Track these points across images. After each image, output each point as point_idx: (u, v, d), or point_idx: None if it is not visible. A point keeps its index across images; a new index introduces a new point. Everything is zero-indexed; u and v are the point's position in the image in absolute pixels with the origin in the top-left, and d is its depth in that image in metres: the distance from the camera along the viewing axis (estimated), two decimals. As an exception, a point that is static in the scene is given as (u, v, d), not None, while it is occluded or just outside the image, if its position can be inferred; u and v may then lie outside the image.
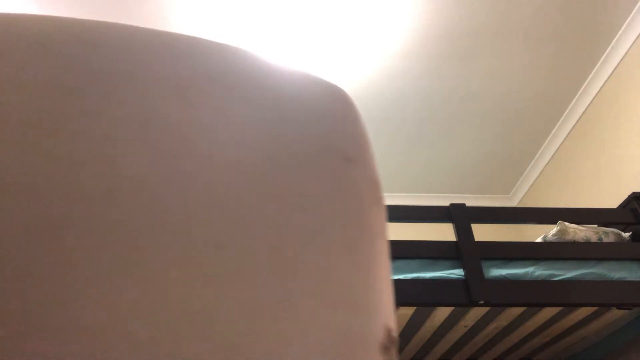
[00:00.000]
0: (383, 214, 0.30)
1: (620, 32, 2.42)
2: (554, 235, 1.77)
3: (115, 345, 0.21)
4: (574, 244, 1.72)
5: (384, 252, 0.29)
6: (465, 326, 1.79)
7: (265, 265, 0.25)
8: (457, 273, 1.60)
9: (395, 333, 0.27)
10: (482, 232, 3.26)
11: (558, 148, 3.00)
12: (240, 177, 0.27)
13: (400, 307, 1.62)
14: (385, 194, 3.43)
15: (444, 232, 3.23)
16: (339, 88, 0.35)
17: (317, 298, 0.25)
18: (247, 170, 0.27)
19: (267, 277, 0.25)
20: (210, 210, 0.25)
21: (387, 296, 0.27)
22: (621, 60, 2.46)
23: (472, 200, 3.48)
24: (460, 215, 1.74)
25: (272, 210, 0.26)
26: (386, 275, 0.28)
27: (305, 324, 0.24)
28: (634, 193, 1.90)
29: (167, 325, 0.22)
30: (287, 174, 0.28)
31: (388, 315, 0.26)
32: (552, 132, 2.98)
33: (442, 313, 1.67)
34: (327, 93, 0.33)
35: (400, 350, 2.02)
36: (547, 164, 3.12)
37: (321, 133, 0.30)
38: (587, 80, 2.66)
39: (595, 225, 1.87)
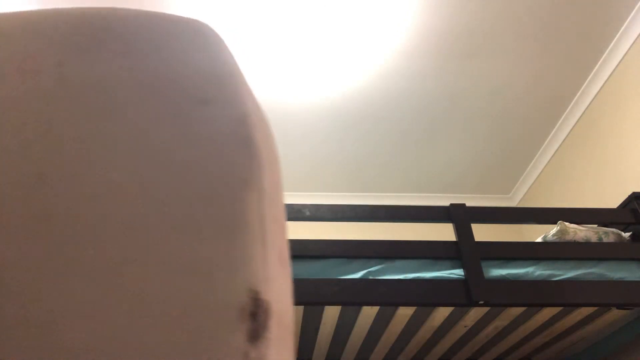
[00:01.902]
0: (257, 159, 0.26)
1: (620, 32, 2.42)
2: (554, 235, 1.77)
3: None
4: (574, 244, 1.72)
5: (258, 205, 0.25)
6: (465, 326, 1.79)
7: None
8: (457, 273, 1.60)
9: (268, 296, 0.23)
10: (482, 232, 3.25)
11: (558, 148, 3.00)
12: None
13: (400, 307, 1.62)
14: (385, 194, 3.43)
15: (444, 232, 3.22)
16: (197, 21, 0.31)
17: (143, 262, 0.21)
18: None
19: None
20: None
21: (256, 256, 0.23)
22: (621, 60, 2.46)
23: (471, 200, 3.48)
24: (460, 215, 1.74)
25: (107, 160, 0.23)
26: (256, 233, 0.24)
27: (135, 295, 0.21)
28: (634, 193, 1.90)
29: None
30: (134, 122, 0.25)
31: (254, 277, 0.23)
32: (552, 132, 2.98)
33: (442, 313, 1.66)
34: (181, 31, 0.29)
35: (401, 350, 2.02)
36: (547, 164, 3.12)
37: (169, 76, 0.27)
38: (587, 80, 2.66)
39: (595, 225, 1.87)
